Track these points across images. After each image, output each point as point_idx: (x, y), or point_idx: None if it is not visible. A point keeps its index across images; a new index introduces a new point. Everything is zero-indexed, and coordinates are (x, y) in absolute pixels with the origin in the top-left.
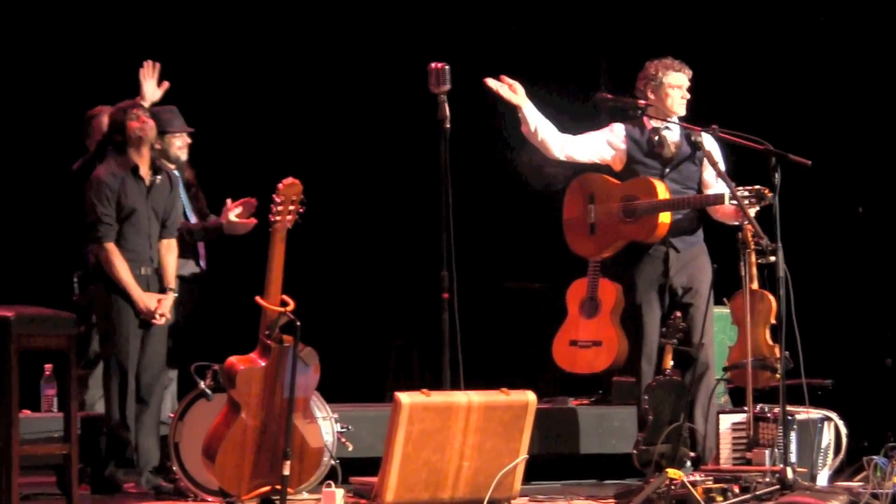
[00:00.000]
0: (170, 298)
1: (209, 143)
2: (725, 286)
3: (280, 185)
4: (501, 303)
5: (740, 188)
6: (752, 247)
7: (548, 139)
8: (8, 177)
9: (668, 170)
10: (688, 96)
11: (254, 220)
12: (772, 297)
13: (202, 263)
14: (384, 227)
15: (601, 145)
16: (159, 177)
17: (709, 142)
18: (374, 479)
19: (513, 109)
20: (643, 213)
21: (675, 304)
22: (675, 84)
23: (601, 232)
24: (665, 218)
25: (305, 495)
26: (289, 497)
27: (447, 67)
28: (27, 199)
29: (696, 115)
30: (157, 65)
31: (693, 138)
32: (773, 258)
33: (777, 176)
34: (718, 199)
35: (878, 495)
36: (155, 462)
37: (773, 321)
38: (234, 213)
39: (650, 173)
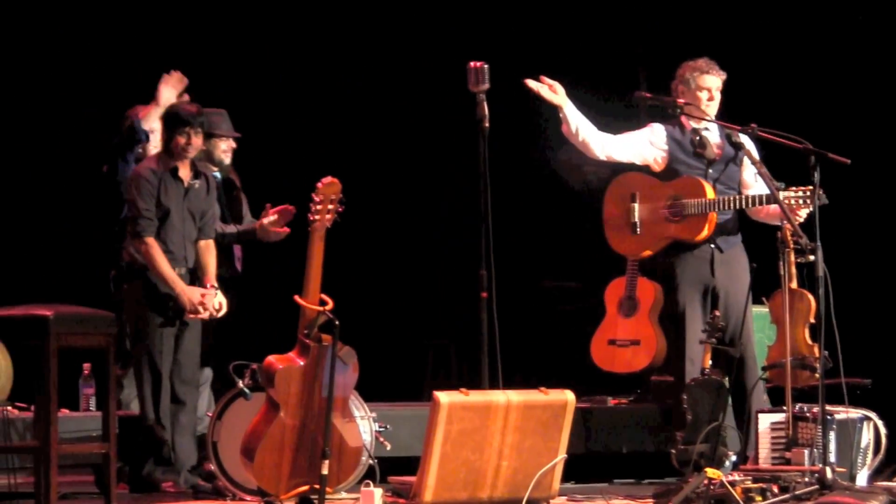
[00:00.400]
0: (213, 294)
1: (252, 144)
2: (764, 285)
3: (319, 185)
4: (540, 302)
5: (792, 188)
6: (791, 246)
7: (589, 139)
8: (46, 176)
9: (711, 170)
10: (716, 98)
11: (287, 230)
12: (811, 297)
13: (238, 265)
14: (423, 227)
15: (643, 145)
16: (198, 181)
17: (746, 142)
18: (412, 479)
19: (554, 109)
20: (691, 212)
21: (716, 303)
22: (705, 86)
23: (645, 231)
24: (714, 218)
25: (344, 495)
26: (327, 496)
27: (486, 66)
28: (66, 199)
29: (734, 114)
30: (185, 80)
31: (734, 139)
32: (811, 257)
33: (816, 174)
34: (770, 199)
35: None
36: (193, 461)
37: (812, 320)
38: (268, 220)
39: (693, 174)
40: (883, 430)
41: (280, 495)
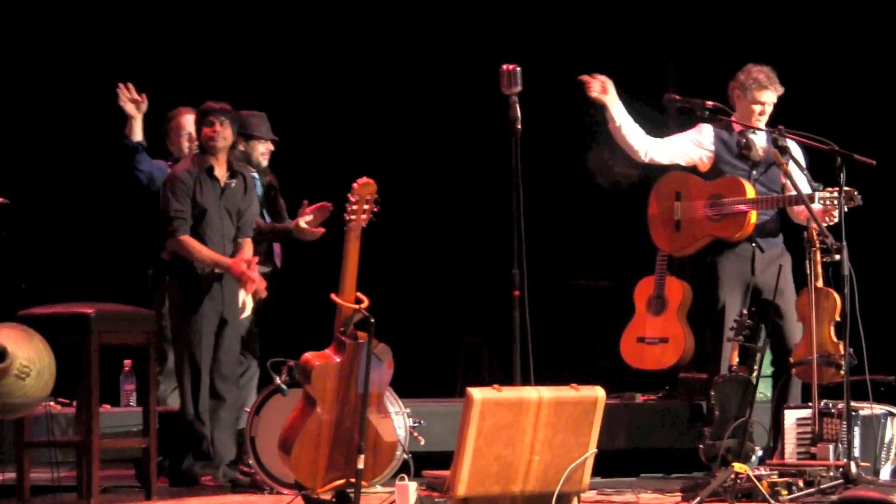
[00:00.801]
0: (256, 260)
1: (290, 147)
2: (794, 284)
3: (355, 185)
4: (571, 300)
5: (828, 189)
6: (818, 245)
7: (632, 139)
8: (87, 177)
9: (755, 172)
10: (767, 112)
11: (322, 230)
12: (836, 295)
13: (277, 262)
14: (456, 226)
15: (689, 146)
16: (234, 180)
17: (791, 146)
18: (446, 473)
19: (601, 107)
20: (731, 211)
21: (757, 301)
22: (760, 100)
23: (686, 228)
24: (753, 217)
25: (379, 488)
26: (363, 490)
27: (518, 69)
28: (106, 201)
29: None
30: (131, 86)
31: (780, 143)
32: (837, 256)
33: (842, 175)
34: (806, 198)
35: None
36: (231, 456)
37: (837, 318)
38: (304, 219)
39: (737, 174)
40: None
41: (316, 489)
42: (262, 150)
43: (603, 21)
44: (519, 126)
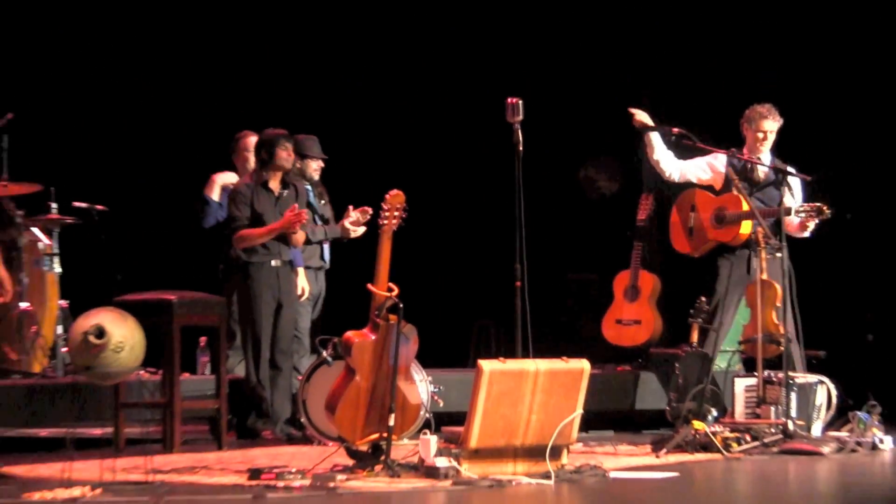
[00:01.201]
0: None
1: (336, 164)
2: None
3: (387, 195)
4: (562, 290)
5: (804, 205)
6: (763, 245)
7: (664, 162)
8: (171, 189)
9: (755, 190)
10: (770, 139)
11: (364, 229)
12: (777, 286)
13: (326, 258)
14: (469, 229)
15: (702, 168)
16: (286, 190)
17: (796, 180)
18: (460, 429)
19: (640, 133)
20: (729, 221)
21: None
22: (762, 129)
23: (696, 235)
24: (745, 228)
25: (406, 441)
26: (393, 443)
27: (520, 102)
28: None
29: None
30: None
31: (778, 176)
32: (779, 254)
33: (783, 187)
34: (782, 211)
35: (861, 443)
36: (287, 415)
37: (778, 304)
38: (349, 220)
39: (743, 191)
40: (833, 392)
41: (356, 442)
42: (315, 167)
43: (588, 61)
44: (521, 147)
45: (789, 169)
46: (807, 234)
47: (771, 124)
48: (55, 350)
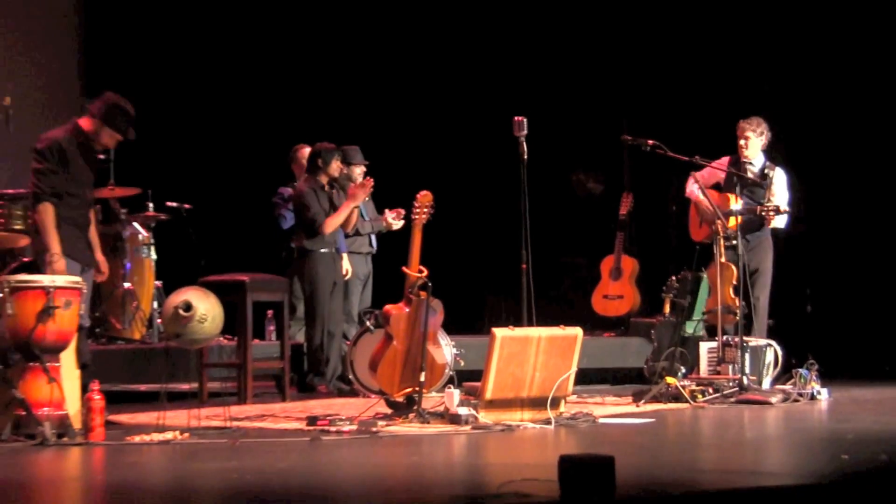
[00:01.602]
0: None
1: (375, 168)
2: (706, 260)
3: (418, 196)
4: (559, 270)
5: (770, 204)
6: (722, 234)
7: (695, 191)
8: (243, 191)
9: (744, 189)
10: (751, 145)
11: (402, 222)
12: (734, 267)
13: (373, 245)
14: (484, 222)
15: (713, 173)
16: (333, 191)
17: (783, 179)
18: (478, 384)
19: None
20: (719, 215)
21: (748, 274)
22: (740, 134)
23: (704, 226)
24: (731, 221)
25: (434, 394)
26: (424, 395)
27: (525, 119)
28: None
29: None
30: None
31: (765, 171)
32: (735, 242)
33: (738, 189)
34: (718, 210)
35: (802, 394)
36: (338, 372)
37: (734, 283)
38: (390, 216)
39: (735, 191)
40: (780, 353)
41: (393, 394)
42: (359, 172)
43: (579, 86)
44: (525, 157)
45: (751, 174)
46: (780, 225)
47: (749, 133)
48: (152, 321)
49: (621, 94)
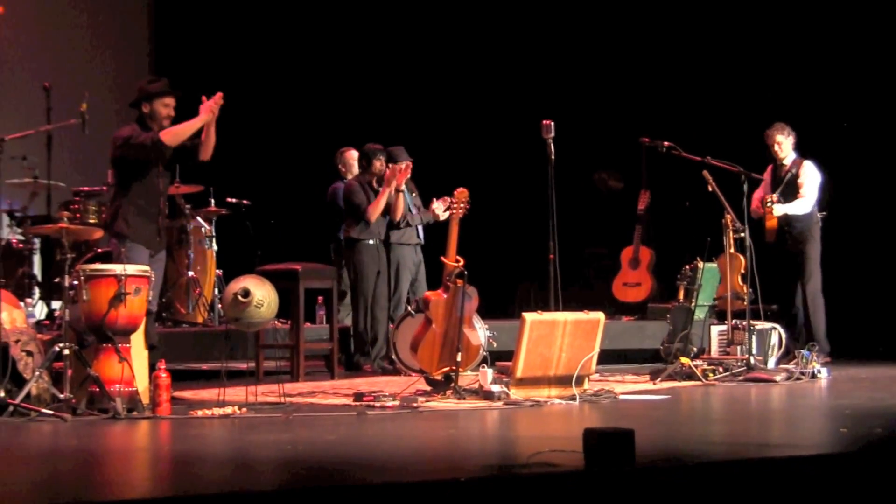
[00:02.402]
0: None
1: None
2: (716, 250)
3: (455, 192)
4: (583, 260)
5: (771, 196)
6: (731, 227)
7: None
8: (295, 189)
9: (780, 186)
10: (781, 148)
11: (448, 213)
12: (742, 257)
13: (421, 237)
14: (515, 216)
15: (764, 184)
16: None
17: (809, 170)
18: (509, 364)
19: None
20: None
21: (793, 261)
22: (769, 142)
23: (769, 230)
24: (777, 210)
25: (469, 373)
26: (460, 373)
27: (552, 123)
28: (308, 204)
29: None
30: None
31: (795, 170)
32: (743, 234)
33: (745, 186)
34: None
35: (804, 373)
36: (382, 353)
37: (742, 271)
38: (437, 206)
39: (773, 188)
40: (784, 335)
41: (432, 373)
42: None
43: (598, 93)
44: (553, 157)
45: (754, 175)
46: (798, 211)
47: (778, 137)
48: (213, 306)
49: (640, 100)
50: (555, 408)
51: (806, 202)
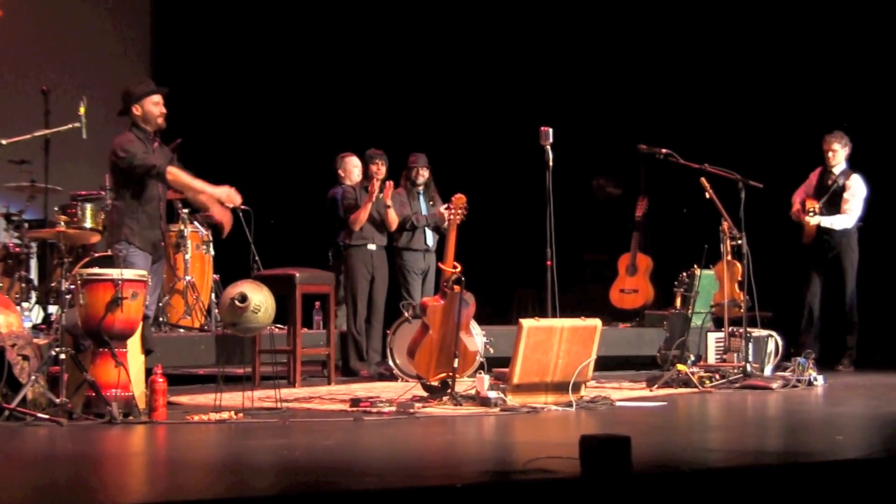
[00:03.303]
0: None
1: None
2: (714, 258)
3: (453, 198)
4: (581, 267)
5: (812, 206)
6: (728, 234)
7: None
8: (294, 195)
9: (825, 196)
10: (836, 156)
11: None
12: (739, 264)
13: (429, 243)
14: (513, 222)
15: (808, 186)
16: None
17: (856, 184)
18: (506, 370)
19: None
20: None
21: (831, 269)
22: (826, 148)
23: (806, 235)
24: (813, 220)
25: (466, 379)
26: (457, 379)
27: (550, 130)
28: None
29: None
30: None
31: (843, 181)
32: (740, 241)
33: (742, 194)
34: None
35: (800, 380)
36: (379, 358)
37: (739, 279)
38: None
39: (816, 193)
40: (780, 343)
41: (429, 379)
42: (414, 174)
43: (596, 100)
44: (551, 164)
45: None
46: (838, 225)
47: (829, 144)
48: (210, 311)
49: (638, 107)
50: (551, 414)
51: (849, 219)
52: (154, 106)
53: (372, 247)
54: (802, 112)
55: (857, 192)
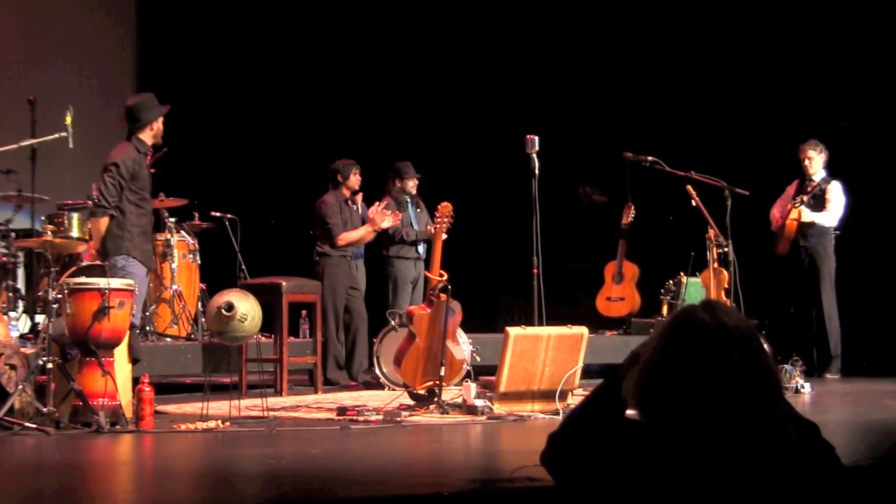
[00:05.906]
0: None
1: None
2: (700, 265)
3: (439, 206)
4: (567, 275)
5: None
6: (714, 242)
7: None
8: (280, 204)
9: (806, 198)
10: (812, 163)
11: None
12: (725, 272)
13: (420, 251)
14: (499, 230)
15: (786, 197)
16: (356, 204)
17: (836, 189)
18: (492, 378)
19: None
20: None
21: (808, 274)
22: (801, 156)
23: (782, 242)
24: (789, 225)
25: (453, 387)
26: (444, 387)
27: (536, 138)
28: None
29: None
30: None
31: (823, 186)
32: (726, 249)
33: (729, 202)
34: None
35: (787, 388)
36: (365, 367)
37: (726, 286)
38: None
39: (800, 203)
40: (767, 349)
41: (416, 387)
42: (411, 185)
43: (581, 108)
44: (537, 172)
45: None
46: (825, 222)
47: (811, 153)
48: (197, 320)
49: (624, 115)
50: (538, 422)
51: (832, 216)
52: (161, 123)
53: (347, 256)
54: (788, 119)
55: (837, 195)
